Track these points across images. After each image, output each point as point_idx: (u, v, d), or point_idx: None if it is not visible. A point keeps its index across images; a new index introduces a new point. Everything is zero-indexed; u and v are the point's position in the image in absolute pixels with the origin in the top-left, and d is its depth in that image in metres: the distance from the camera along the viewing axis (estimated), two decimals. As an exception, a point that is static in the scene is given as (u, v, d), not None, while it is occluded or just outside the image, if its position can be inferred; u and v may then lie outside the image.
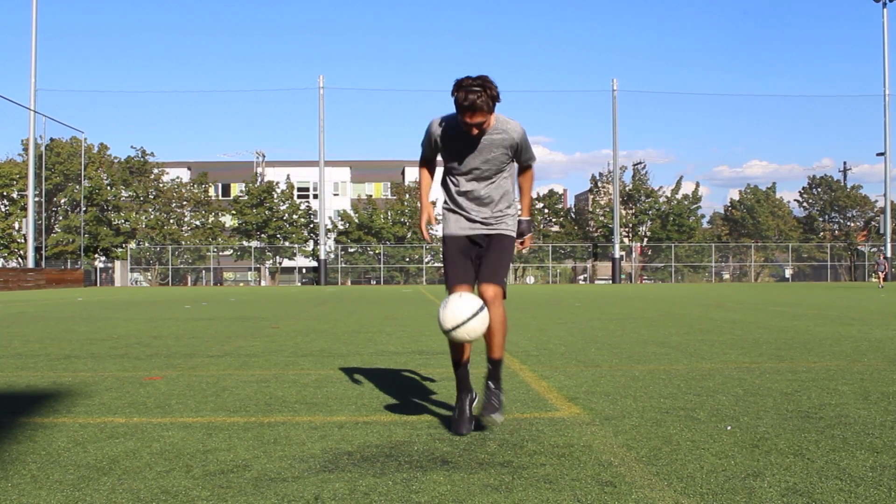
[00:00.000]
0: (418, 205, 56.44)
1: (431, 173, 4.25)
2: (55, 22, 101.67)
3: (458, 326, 3.64)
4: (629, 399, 4.72)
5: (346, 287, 45.65)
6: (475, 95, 3.64)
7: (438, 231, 16.56)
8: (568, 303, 18.71)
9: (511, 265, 4.29)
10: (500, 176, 3.99)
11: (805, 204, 64.19)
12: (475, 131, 3.78)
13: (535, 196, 59.83)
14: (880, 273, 36.11)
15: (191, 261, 58.15)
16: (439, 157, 4.14)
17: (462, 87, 3.67)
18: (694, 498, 2.78)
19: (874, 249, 59.37)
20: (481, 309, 3.68)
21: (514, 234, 4.09)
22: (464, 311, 3.63)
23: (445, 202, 4.12)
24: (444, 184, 4.10)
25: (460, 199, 4.02)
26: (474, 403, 4.00)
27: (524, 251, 5.78)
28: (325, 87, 51.53)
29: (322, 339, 8.98)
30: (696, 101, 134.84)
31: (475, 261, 4.01)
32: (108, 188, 56.24)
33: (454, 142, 3.91)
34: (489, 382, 3.93)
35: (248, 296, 27.08)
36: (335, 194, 67.10)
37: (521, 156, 4.01)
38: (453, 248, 4.02)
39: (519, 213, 4.20)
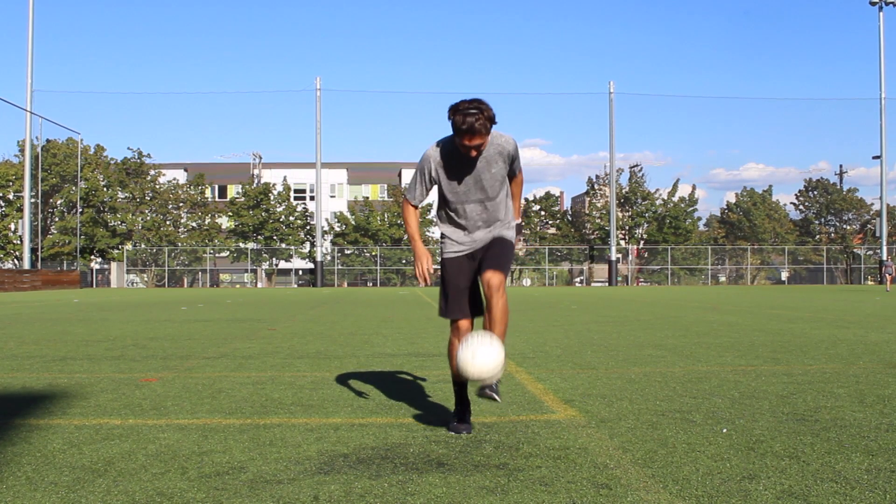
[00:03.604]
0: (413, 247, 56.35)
1: (417, 217, 4.14)
2: (52, 23, 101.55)
3: (488, 377, 3.63)
4: (625, 402, 4.72)
5: (343, 289, 45.64)
6: (473, 118, 3.65)
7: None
8: (564, 305, 18.72)
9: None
10: (501, 191, 3.99)
11: (801, 207, 64.30)
12: (474, 153, 3.79)
13: (532, 198, 59.85)
14: (888, 276, 36.19)
15: (187, 262, 58.06)
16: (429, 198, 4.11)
17: (459, 111, 3.67)
18: (689, 500, 2.78)
19: (870, 252, 59.49)
20: (502, 356, 3.66)
21: (513, 238, 4.10)
22: (492, 365, 3.60)
23: (447, 225, 4.06)
24: (444, 208, 4.03)
25: (463, 221, 3.99)
26: (470, 415, 4.00)
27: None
28: (321, 88, 51.51)
29: (318, 341, 8.98)
30: (693, 103, 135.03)
31: (475, 274, 4.00)
32: (105, 189, 56.13)
33: (455, 163, 3.90)
34: None
35: (244, 297, 27.05)
36: (332, 196, 67.08)
37: (512, 165, 4.03)
38: (453, 272, 4.00)
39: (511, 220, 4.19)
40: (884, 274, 37.80)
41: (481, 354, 3.59)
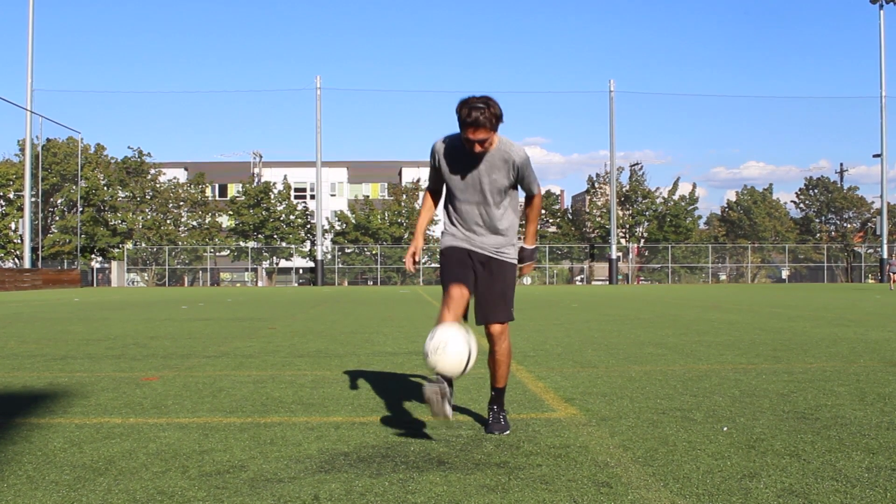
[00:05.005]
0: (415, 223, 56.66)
1: (435, 203, 4.21)
2: (52, 22, 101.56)
3: (463, 371, 3.63)
4: (626, 400, 4.73)
5: (343, 288, 45.64)
6: (478, 112, 3.64)
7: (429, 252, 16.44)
8: (565, 304, 18.72)
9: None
10: (503, 201, 3.92)
11: (802, 205, 64.29)
12: (478, 148, 3.74)
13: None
14: (892, 275, 36.22)
15: (187, 261, 58.08)
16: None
17: (465, 104, 3.67)
18: (690, 499, 2.78)
19: (870, 250, 59.50)
20: (472, 351, 3.63)
21: (515, 262, 4.01)
22: (461, 357, 3.58)
23: (447, 222, 4.06)
24: (446, 204, 4.04)
25: (461, 220, 3.96)
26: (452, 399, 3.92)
27: (522, 279, 5.76)
28: (322, 87, 51.49)
29: (319, 339, 8.98)
30: (694, 102, 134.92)
31: (473, 270, 3.96)
32: (105, 188, 56.13)
33: (457, 160, 3.88)
34: (493, 406, 3.96)
35: (244, 296, 27.06)
36: (332, 195, 67.04)
37: (523, 181, 3.93)
38: (451, 255, 3.96)
39: (522, 241, 4.13)
40: (887, 272, 37.79)
41: (442, 354, 3.57)
